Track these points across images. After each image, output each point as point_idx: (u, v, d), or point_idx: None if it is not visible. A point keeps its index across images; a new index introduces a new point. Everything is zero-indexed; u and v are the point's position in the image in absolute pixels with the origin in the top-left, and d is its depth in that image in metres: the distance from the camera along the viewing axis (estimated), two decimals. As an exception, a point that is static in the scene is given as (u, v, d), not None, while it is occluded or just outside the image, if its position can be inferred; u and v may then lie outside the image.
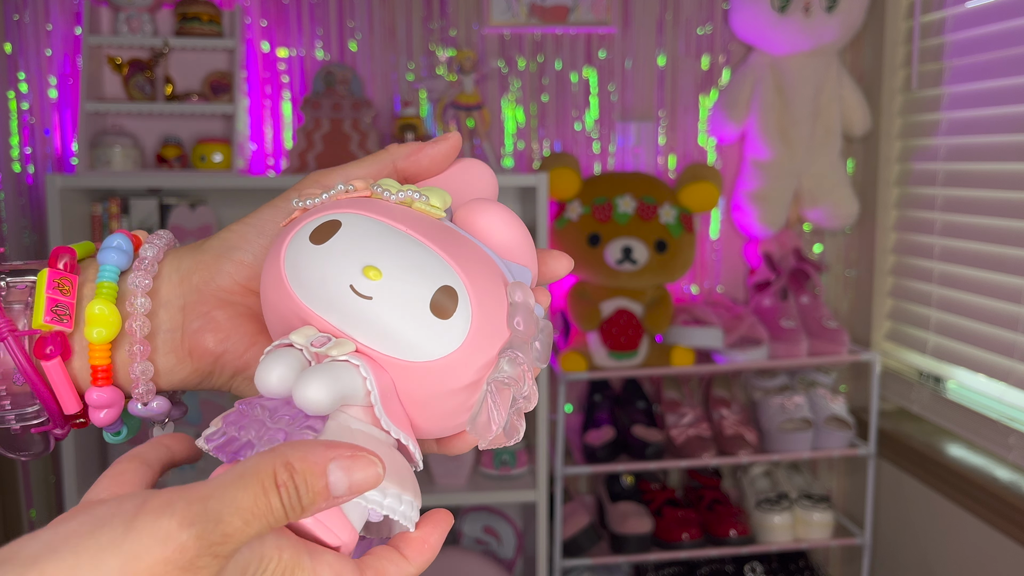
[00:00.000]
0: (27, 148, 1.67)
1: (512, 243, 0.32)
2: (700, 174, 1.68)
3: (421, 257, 0.29)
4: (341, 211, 0.30)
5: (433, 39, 1.73)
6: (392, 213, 0.30)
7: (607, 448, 1.64)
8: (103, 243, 0.35)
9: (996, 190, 1.46)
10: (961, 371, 1.57)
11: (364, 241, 0.29)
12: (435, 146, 0.36)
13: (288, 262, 0.30)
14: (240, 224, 0.36)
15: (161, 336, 0.35)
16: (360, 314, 0.28)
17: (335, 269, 0.29)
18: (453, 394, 0.29)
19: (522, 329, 0.30)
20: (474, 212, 0.32)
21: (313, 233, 0.30)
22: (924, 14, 1.66)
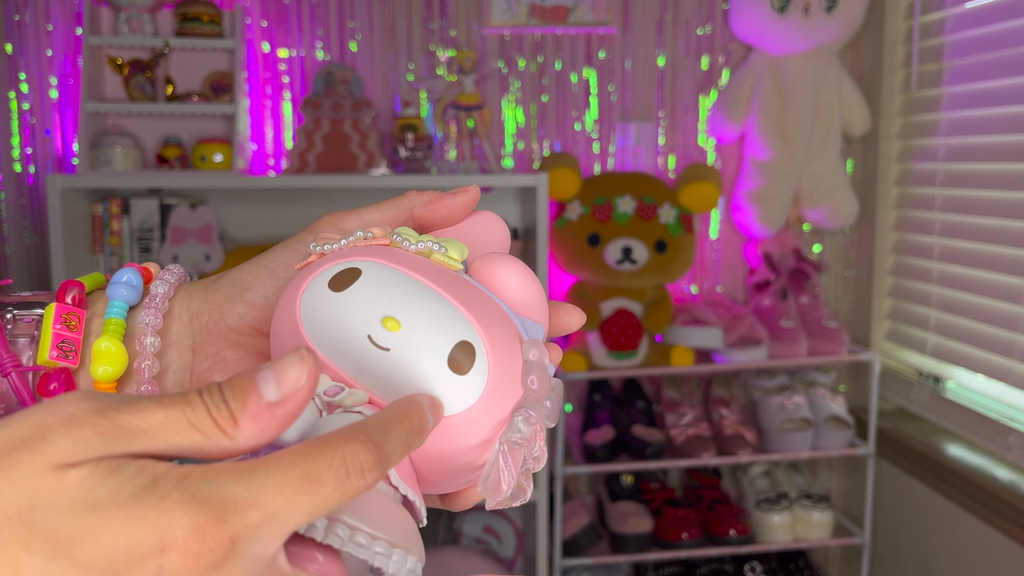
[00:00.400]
0: (28, 148, 1.67)
1: (526, 299, 0.32)
2: (700, 174, 1.68)
3: (441, 310, 0.29)
4: (360, 259, 0.30)
5: (433, 39, 1.73)
6: (411, 263, 0.30)
7: (607, 448, 1.64)
8: (113, 277, 0.35)
9: (995, 190, 1.46)
10: (960, 371, 1.58)
11: (384, 291, 0.29)
12: (454, 197, 0.36)
13: (305, 308, 0.29)
14: (253, 264, 0.35)
15: (170, 376, 0.34)
16: (376, 365, 0.28)
17: (354, 318, 0.28)
18: (465, 452, 0.29)
19: (536, 388, 0.29)
20: (490, 266, 0.32)
21: (332, 280, 0.29)
22: (923, 14, 1.66)
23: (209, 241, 1.59)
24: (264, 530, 0.22)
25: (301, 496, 0.22)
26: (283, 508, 0.22)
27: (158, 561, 0.20)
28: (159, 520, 0.20)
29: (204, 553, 0.21)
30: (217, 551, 0.21)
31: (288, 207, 1.69)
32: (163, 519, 0.20)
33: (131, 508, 0.20)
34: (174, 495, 0.21)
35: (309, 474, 0.22)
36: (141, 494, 0.21)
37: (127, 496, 0.20)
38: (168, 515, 0.20)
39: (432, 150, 1.64)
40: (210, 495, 0.21)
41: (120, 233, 1.59)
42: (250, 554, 0.22)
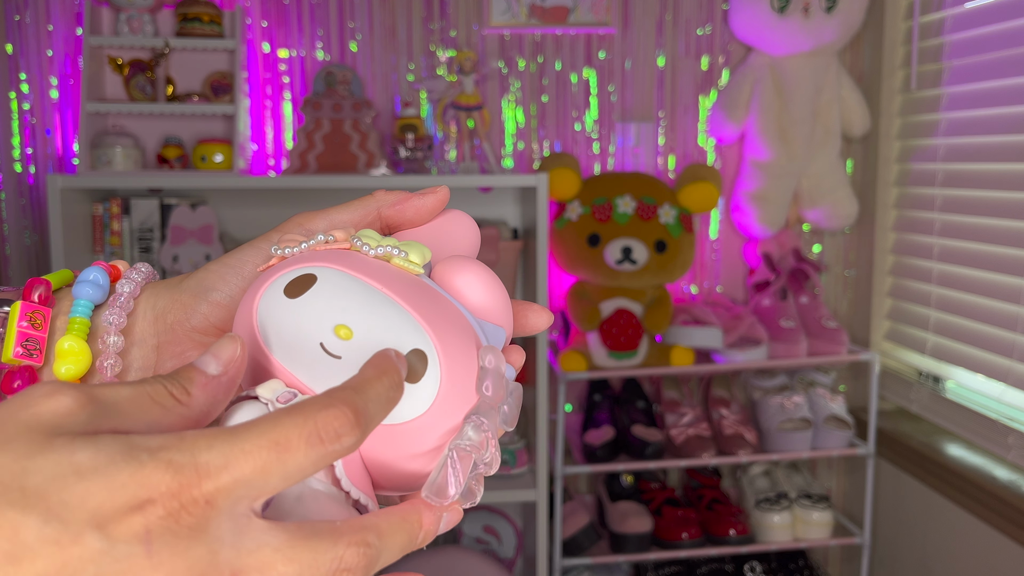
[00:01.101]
0: (28, 148, 1.67)
1: (488, 303, 0.32)
2: (700, 174, 1.68)
3: (393, 318, 0.28)
4: (317, 264, 0.30)
5: (433, 40, 1.74)
6: (369, 269, 0.30)
7: (607, 448, 1.64)
8: (79, 276, 0.34)
9: (995, 190, 1.46)
10: (960, 371, 1.58)
11: (337, 298, 0.29)
12: (422, 198, 0.36)
13: (261, 313, 0.30)
14: (219, 264, 0.35)
15: (133, 375, 0.34)
16: (328, 372, 0.28)
17: (306, 325, 0.29)
18: (415, 458, 0.29)
19: (490, 395, 0.29)
20: (451, 270, 0.32)
21: (288, 286, 0.29)
22: (923, 15, 1.66)
23: (209, 241, 1.60)
24: (239, 493, 0.23)
25: (272, 463, 0.23)
26: (253, 474, 0.23)
27: (143, 520, 0.21)
28: (139, 485, 0.22)
29: (184, 516, 0.22)
30: (195, 512, 0.22)
31: (288, 207, 1.69)
32: (143, 483, 0.22)
33: (111, 474, 0.22)
34: (152, 462, 0.22)
35: (279, 441, 0.23)
36: (119, 460, 0.22)
37: (106, 462, 0.22)
38: (147, 480, 0.22)
39: (432, 150, 1.64)
40: (184, 462, 0.22)
41: (120, 233, 1.59)
42: (231, 513, 0.23)
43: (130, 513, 0.21)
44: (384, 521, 0.27)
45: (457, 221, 0.37)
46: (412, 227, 0.36)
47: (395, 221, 0.36)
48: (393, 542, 0.26)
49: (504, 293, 0.32)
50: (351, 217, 0.35)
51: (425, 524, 0.28)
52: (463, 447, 0.29)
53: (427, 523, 0.28)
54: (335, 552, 0.24)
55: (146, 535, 0.21)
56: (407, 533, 0.27)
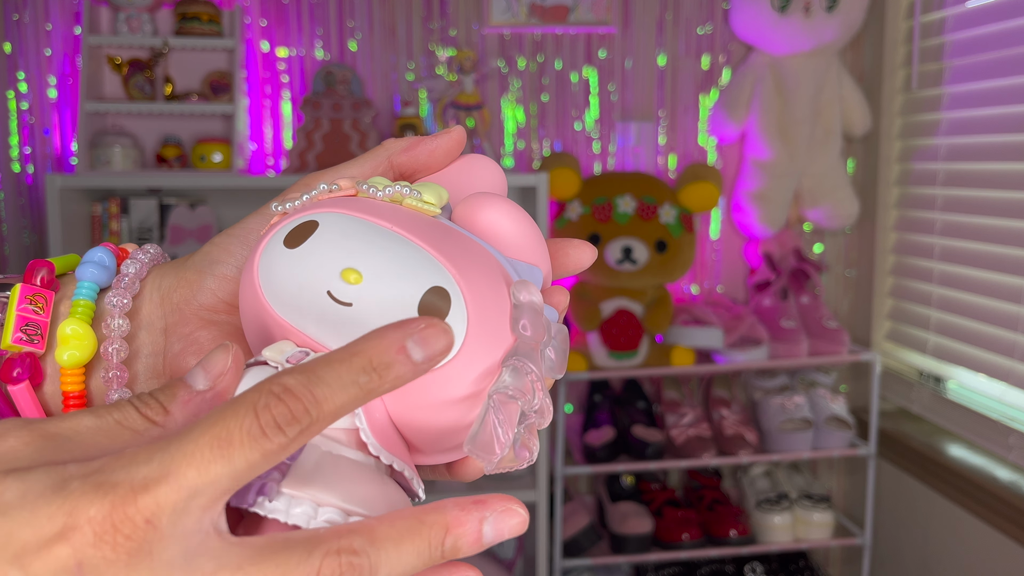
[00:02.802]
0: (27, 148, 1.67)
1: (519, 239, 0.28)
2: (700, 174, 1.68)
3: (407, 255, 0.26)
4: (320, 211, 0.27)
5: (433, 39, 1.73)
6: (378, 211, 0.27)
7: (607, 448, 1.64)
8: (84, 257, 0.32)
9: (996, 190, 1.46)
10: (961, 371, 1.57)
11: (343, 241, 0.26)
12: (435, 140, 0.33)
13: (262, 270, 0.27)
14: (223, 236, 0.33)
15: (142, 361, 0.32)
16: (339, 322, 0.25)
17: (311, 274, 0.26)
18: (449, 407, 0.26)
19: (529, 334, 0.26)
20: (474, 207, 0.28)
21: (288, 236, 0.27)
22: (924, 14, 1.66)
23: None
24: (185, 504, 0.20)
25: (215, 463, 0.20)
26: (198, 479, 0.20)
27: (70, 551, 0.20)
28: (66, 513, 0.20)
29: (120, 540, 0.20)
30: (134, 536, 0.20)
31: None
32: (70, 511, 0.20)
33: (38, 507, 0.20)
34: (80, 488, 0.20)
35: (219, 437, 0.21)
36: (48, 493, 0.20)
37: (34, 496, 0.20)
38: (73, 508, 0.20)
39: (432, 150, 1.63)
40: (118, 481, 0.20)
41: (119, 233, 1.58)
42: (179, 531, 0.20)
43: (54, 544, 0.19)
44: (384, 524, 0.23)
45: (479, 163, 0.33)
46: (428, 173, 0.33)
47: (408, 168, 0.33)
48: (398, 550, 0.22)
49: (536, 229, 0.29)
50: (360, 171, 0.33)
51: (453, 526, 0.23)
52: (504, 392, 0.25)
53: (456, 523, 0.23)
54: (309, 565, 0.21)
55: (76, 568, 0.19)
56: (422, 538, 0.23)
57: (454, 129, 0.33)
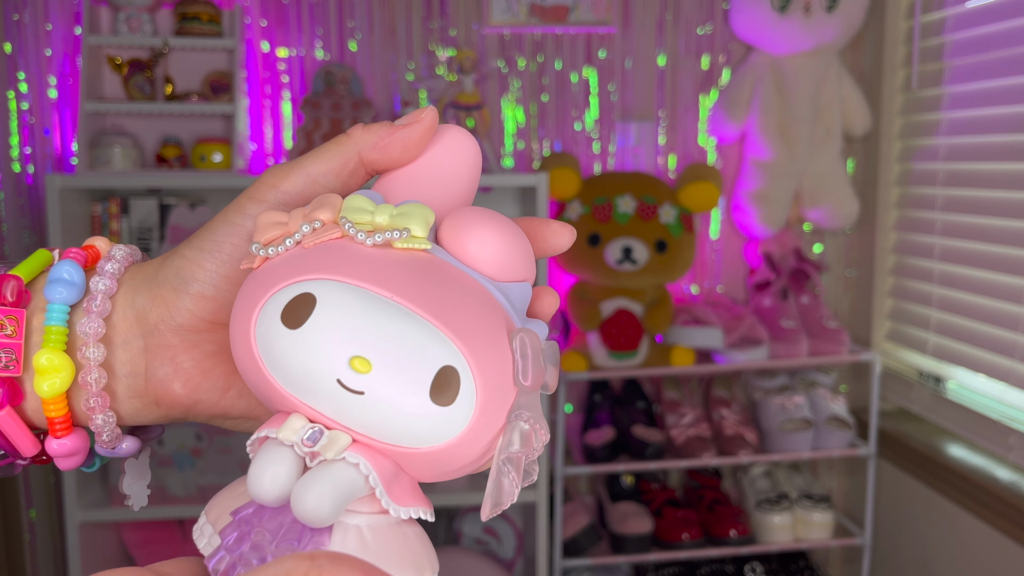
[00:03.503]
0: (27, 148, 1.67)
1: (507, 261, 0.28)
2: (700, 174, 1.68)
3: (414, 335, 0.25)
4: (311, 277, 0.26)
5: (433, 39, 1.73)
6: (371, 268, 0.26)
7: (607, 448, 1.64)
8: (50, 272, 0.30)
9: (996, 190, 1.46)
10: (961, 371, 1.57)
11: (346, 323, 0.25)
12: (407, 131, 0.30)
13: (261, 344, 0.26)
14: (193, 249, 0.31)
15: (122, 381, 0.31)
16: (352, 408, 0.25)
17: (317, 362, 0.25)
18: (463, 468, 0.27)
19: (529, 383, 0.27)
20: (459, 234, 0.28)
21: (285, 313, 0.25)
22: (924, 14, 1.66)
23: (208, 241, 1.59)
24: None
25: None
26: None
27: None
28: None
29: None
30: None
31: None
32: None
33: None
34: None
35: None
36: None
37: None
38: None
39: (432, 150, 1.63)
40: None
41: (119, 233, 1.58)
42: None
43: None
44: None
45: (452, 145, 0.31)
46: (402, 166, 0.31)
47: (381, 164, 0.31)
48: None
49: (521, 241, 0.29)
50: (328, 167, 0.31)
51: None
52: (514, 454, 0.27)
53: None
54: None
55: None
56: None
57: (425, 113, 0.31)
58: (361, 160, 0.31)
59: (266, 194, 0.31)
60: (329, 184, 0.31)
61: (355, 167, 0.31)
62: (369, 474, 0.26)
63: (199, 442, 1.53)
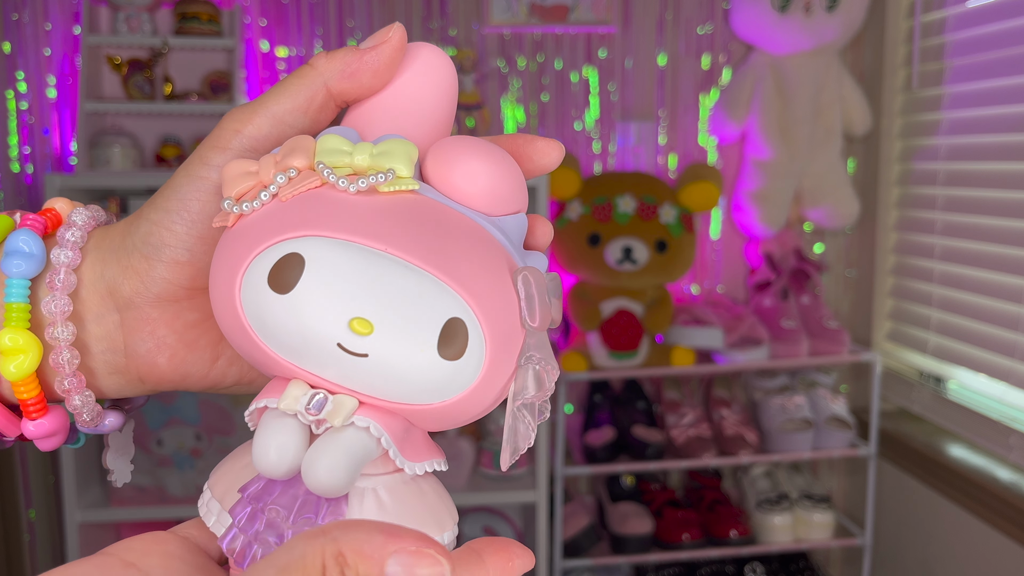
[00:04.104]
0: (26, 148, 1.67)
1: (497, 191, 0.26)
2: (700, 174, 1.68)
3: (415, 290, 0.24)
4: (295, 235, 0.24)
5: (433, 38, 1.73)
6: (358, 217, 0.24)
7: (607, 448, 1.64)
8: (6, 242, 0.28)
9: (997, 190, 1.46)
10: (962, 371, 1.57)
11: (340, 283, 0.23)
12: (376, 53, 0.27)
13: (249, 314, 0.24)
14: (158, 211, 0.28)
15: (99, 359, 0.29)
16: (356, 371, 0.24)
17: (313, 325, 0.23)
18: (476, 416, 0.26)
19: (536, 324, 0.26)
20: (445, 167, 0.26)
21: (272, 277, 0.23)
22: (925, 13, 1.65)
23: (208, 241, 1.59)
24: None
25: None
26: None
27: None
28: None
29: None
30: None
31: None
32: None
33: None
34: None
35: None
36: None
37: None
38: None
39: (432, 150, 1.63)
40: None
41: (118, 233, 1.58)
42: None
43: None
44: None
45: (424, 68, 0.28)
46: (373, 94, 0.28)
47: (351, 94, 0.28)
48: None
49: (511, 170, 0.27)
50: (294, 103, 0.28)
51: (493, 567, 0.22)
52: (528, 400, 0.26)
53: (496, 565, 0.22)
54: None
55: None
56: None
57: (393, 32, 0.28)
58: (329, 92, 0.28)
59: (229, 141, 0.28)
60: (297, 123, 0.28)
61: (323, 101, 0.28)
62: (381, 436, 0.25)
63: (199, 442, 1.52)
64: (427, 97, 0.28)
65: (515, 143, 0.29)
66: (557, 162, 0.29)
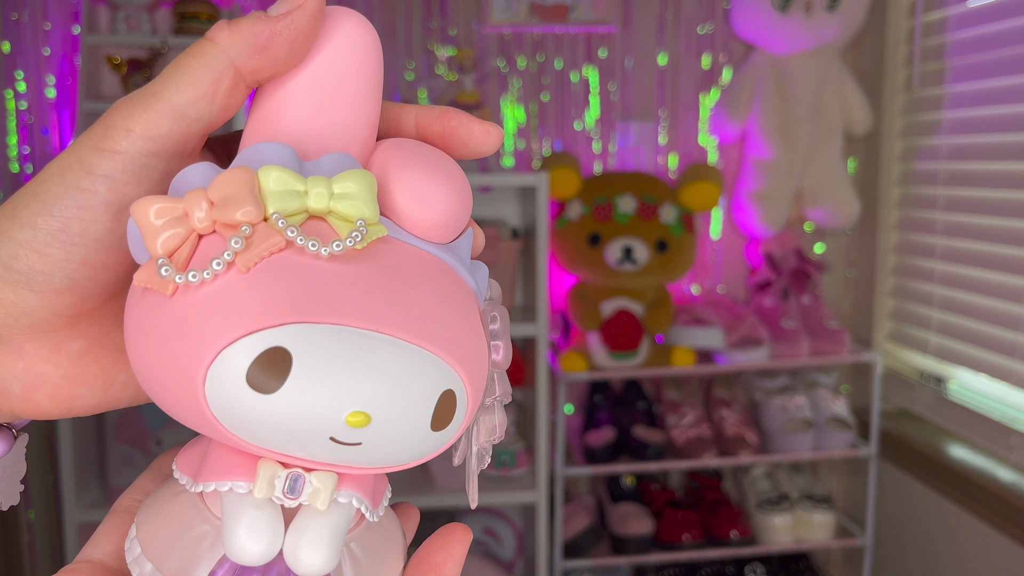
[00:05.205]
0: (25, 147, 1.66)
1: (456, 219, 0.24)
2: (701, 173, 1.67)
3: (410, 369, 0.22)
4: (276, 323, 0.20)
5: (433, 38, 1.73)
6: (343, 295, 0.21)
7: (608, 449, 1.63)
8: None
9: (998, 189, 1.46)
10: (963, 371, 1.57)
11: (332, 377, 0.20)
12: (292, 21, 0.23)
13: (218, 409, 0.21)
14: (26, 230, 0.22)
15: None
16: (345, 456, 0.22)
17: (305, 426, 0.21)
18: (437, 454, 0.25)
19: (500, 361, 0.25)
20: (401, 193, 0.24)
21: (252, 376, 0.20)
22: (925, 13, 1.65)
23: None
24: None
25: None
26: None
27: None
28: None
29: None
30: None
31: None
32: None
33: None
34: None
35: None
36: None
37: None
38: None
39: (432, 149, 1.63)
40: None
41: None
42: None
43: None
44: None
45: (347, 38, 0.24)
46: (290, 69, 0.24)
47: (264, 72, 0.23)
48: None
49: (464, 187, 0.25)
50: (197, 91, 0.23)
51: None
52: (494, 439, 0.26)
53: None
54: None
55: None
56: None
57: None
58: (238, 72, 0.23)
59: (119, 142, 0.22)
60: (203, 114, 0.23)
61: (232, 83, 0.23)
62: (361, 505, 0.24)
63: (198, 443, 1.52)
64: (352, 75, 0.24)
65: (448, 123, 0.26)
66: (492, 149, 0.26)
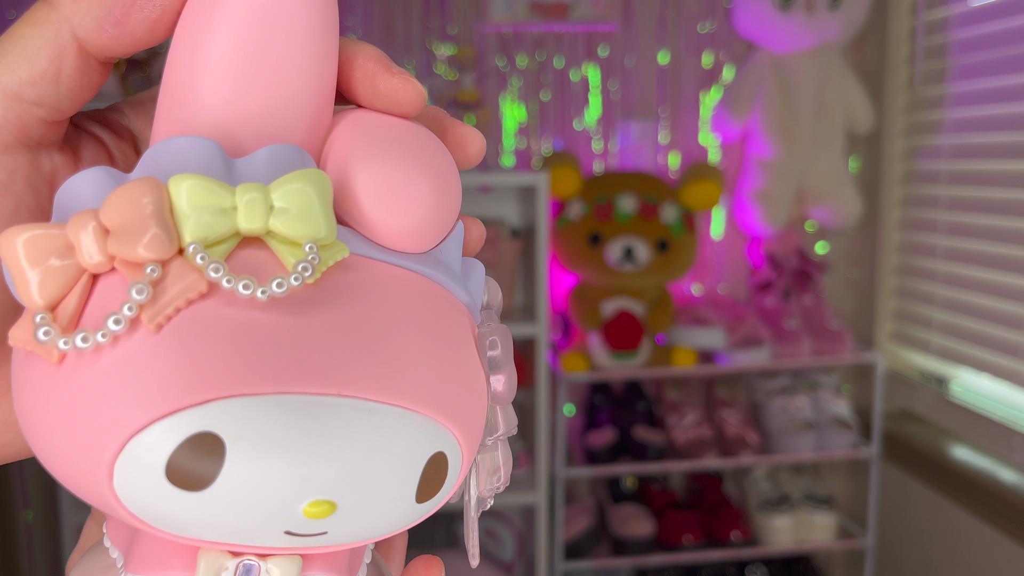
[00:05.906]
0: (22, 147, 1.66)
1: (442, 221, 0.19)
2: (702, 173, 1.67)
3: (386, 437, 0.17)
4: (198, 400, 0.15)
5: (432, 36, 1.72)
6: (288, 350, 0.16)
7: (608, 450, 1.63)
8: None
9: (1000, 188, 1.45)
10: (966, 372, 1.56)
11: (279, 465, 0.16)
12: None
13: (132, 503, 0.16)
14: None
15: None
16: (308, 544, 0.18)
17: (247, 527, 0.16)
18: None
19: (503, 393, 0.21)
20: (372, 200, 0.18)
21: (172, 471, 0.15)
22: (927, 11, 1.64)
23: (206, 241, 1.58)
24: None
25: None
26: None
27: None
28: None
29: None
30: None
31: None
32: None
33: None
34: None
35: None
36: None
37: None
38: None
39: (431, 148, 1.62)
40: None
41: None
42: None
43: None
44: None
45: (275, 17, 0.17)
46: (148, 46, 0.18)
47: (118, 51, 0.18)
48: None
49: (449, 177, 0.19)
50: (34, 71, 0.18)
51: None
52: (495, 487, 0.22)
53: None
54: None
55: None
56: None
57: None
58: (82, 48, 0.18)
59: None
60: (46, 97, 0.18)
61: (78, 61, 0.18)
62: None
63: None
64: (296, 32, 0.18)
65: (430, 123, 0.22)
66: (477, 159, 0.22)
